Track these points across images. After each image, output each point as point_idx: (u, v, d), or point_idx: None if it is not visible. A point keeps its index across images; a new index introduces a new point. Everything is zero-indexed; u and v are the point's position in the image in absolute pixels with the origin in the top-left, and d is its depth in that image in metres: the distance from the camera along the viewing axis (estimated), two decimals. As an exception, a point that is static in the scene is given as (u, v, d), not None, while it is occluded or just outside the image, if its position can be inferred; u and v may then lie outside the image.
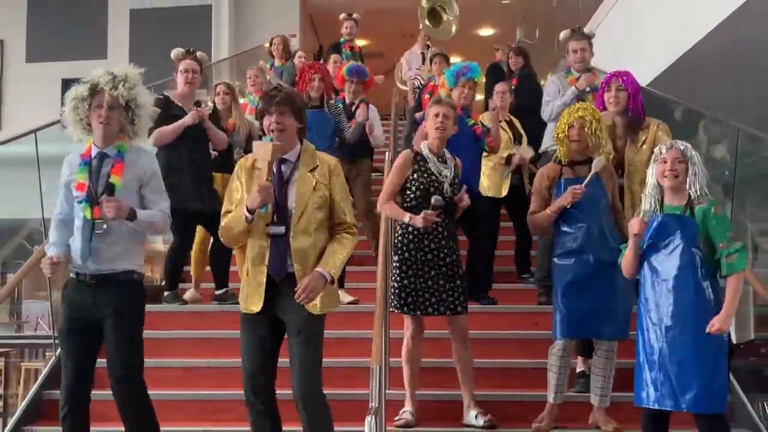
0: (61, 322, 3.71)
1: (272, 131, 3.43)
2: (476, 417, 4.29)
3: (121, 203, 3.42)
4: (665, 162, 3.57)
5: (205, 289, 5.86)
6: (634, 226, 3.59)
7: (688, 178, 3.53)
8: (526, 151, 6.11)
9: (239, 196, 3.47)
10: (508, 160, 6.00)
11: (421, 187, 4.31)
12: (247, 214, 3.36)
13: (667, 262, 3.50)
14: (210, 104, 5.91)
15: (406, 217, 4.22)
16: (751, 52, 6.14)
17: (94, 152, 3.61)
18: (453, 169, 4.40)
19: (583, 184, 4.18)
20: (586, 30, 6.06)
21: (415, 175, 4.34)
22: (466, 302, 4.36)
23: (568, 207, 4.20)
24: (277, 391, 3.54)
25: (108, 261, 3.52)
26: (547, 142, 5.83)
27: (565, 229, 4.26)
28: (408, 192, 4.36)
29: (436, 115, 4.36)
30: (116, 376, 3.48)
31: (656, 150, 3.66)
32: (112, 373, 3.49)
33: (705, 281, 3.47)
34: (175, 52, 5.47)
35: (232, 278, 5.66)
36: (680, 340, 3.43)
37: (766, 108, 7.39)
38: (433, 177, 4.32)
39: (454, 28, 9.12)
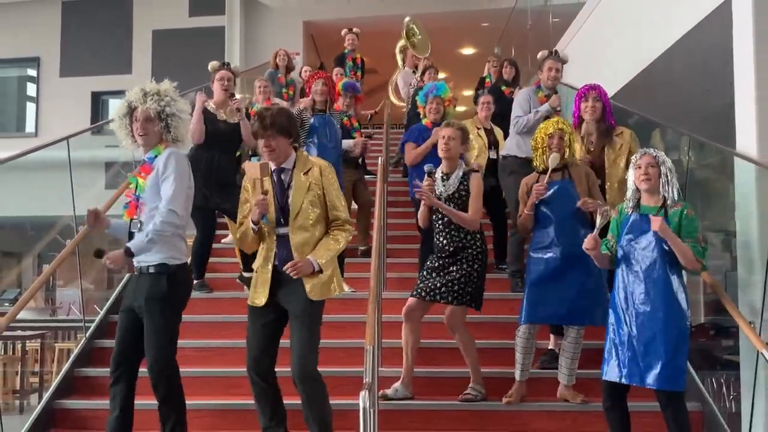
0: None
1: (264, 152, 3.54)
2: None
3: (113, 256, 3.37)
4: (639, 167, 3.61)
5: (209, 279, 5.83)
6: (586, 243, 3.63)
7: (660, 180, 3.58)
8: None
9: (247, 207, 3.58)
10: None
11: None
12: (253, 226, 3.51)
13: (641, 255, 3.54)
14: (246, 100, 5.92)
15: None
16: (696, 72, 6.17)
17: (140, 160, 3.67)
18: (455, 184, 4.23)
19: (545, 181, 4.19)
20: (561, 54, 6.03)
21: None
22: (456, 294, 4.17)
23: (542, 205, 4.18)
24: (279, 369, 3.57)
25: (143, 254, 3.47)
26: (508, 149, 5.71)
27: (538, 227, 4.26)
28: None
29: (443, 137, 4.25)
30: (148, 361, 3.47)
31: (633, 158, 3.71)
32: (146, 357, 3.49)
33: (673, 274, 3.50)
34: (212, 64, 5.49)
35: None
36: (648, 325, 3.46)
37: (713, 119, 7.41)
38: (436, 195, 4.23)
39: (428, 46, 9.29)
